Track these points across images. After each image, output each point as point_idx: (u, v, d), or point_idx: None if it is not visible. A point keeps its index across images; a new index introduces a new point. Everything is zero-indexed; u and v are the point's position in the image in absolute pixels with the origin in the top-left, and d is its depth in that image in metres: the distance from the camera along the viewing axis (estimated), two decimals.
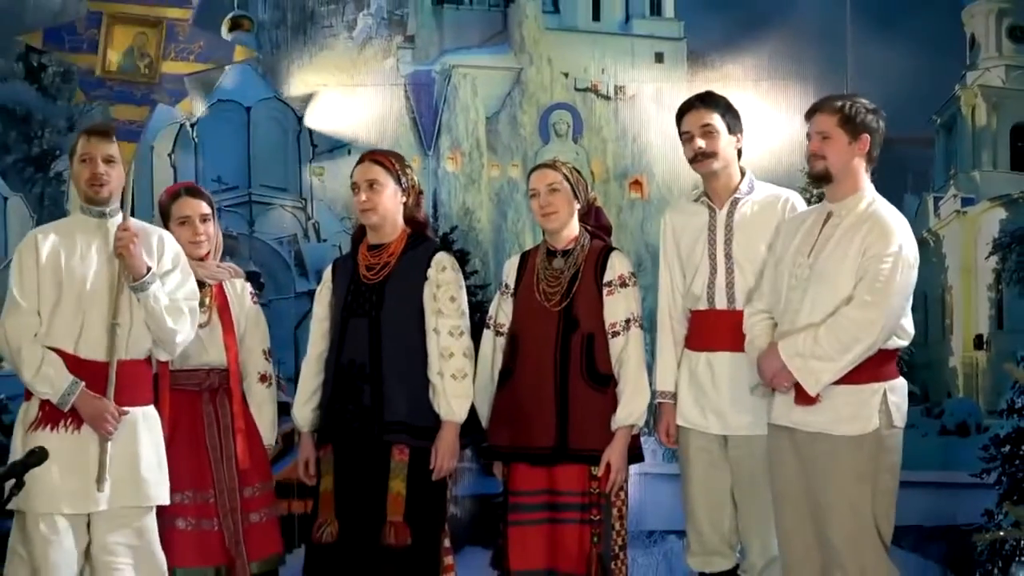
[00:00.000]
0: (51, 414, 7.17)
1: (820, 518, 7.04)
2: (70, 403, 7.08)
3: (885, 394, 7.04)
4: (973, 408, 20.17)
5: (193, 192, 7.90)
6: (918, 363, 20.49)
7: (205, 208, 7.80)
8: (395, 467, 7.44)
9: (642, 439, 7.77)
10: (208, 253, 7.79)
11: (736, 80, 19.09)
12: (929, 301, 20.24)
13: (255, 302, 7.98)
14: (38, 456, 6.50)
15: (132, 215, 7.47)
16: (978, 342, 20.63)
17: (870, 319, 6.90)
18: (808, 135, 7.25)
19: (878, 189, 7.17)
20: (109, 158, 7.34)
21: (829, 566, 7.09)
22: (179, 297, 7.31)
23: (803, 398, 6.99)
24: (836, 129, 7.11)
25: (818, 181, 7.21)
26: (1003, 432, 18.89)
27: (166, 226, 7.80)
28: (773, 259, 7.29)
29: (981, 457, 18.89)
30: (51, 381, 7.08)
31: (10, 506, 6.99)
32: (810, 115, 7.27)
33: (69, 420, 7.17)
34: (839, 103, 7.18)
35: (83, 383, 7.10)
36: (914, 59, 20.00)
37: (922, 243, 20.01)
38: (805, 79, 18.69)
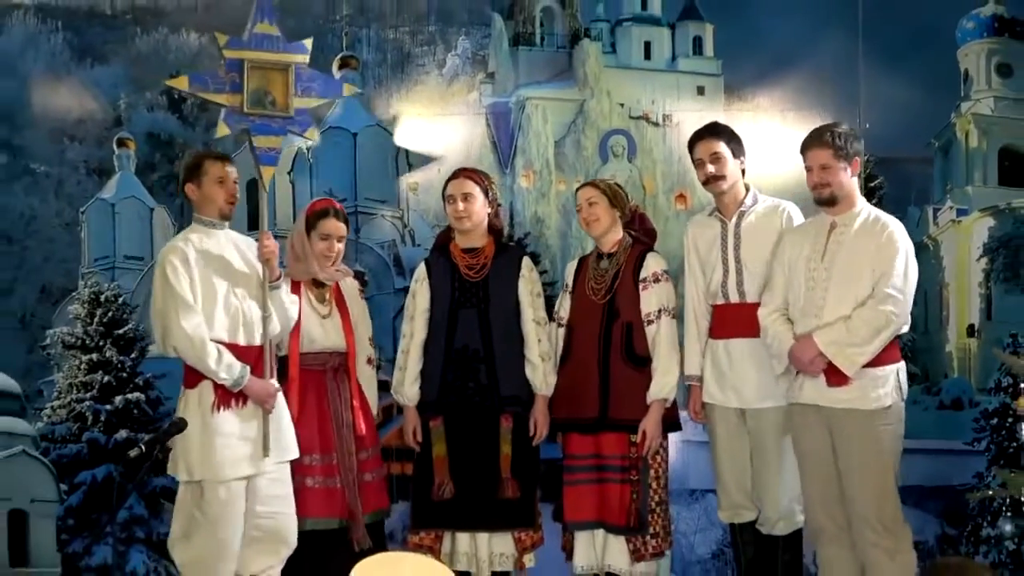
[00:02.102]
0: (224, 397, 7.21)
1: (849, 480, 7.01)
2: (242, 386, 7.13)
3: (897, 373, 7.06)
4: (966, 386, 20.10)
5: (340, 215, 7.91)
6: (920, 349, 20.45)
7: (344, 231, 7.82)
8: (503, 433, 7.46)
9: (683, 414, 7.77)
10: (333, 263, 7.81)
11: (765, 110, 19.05)
12: (929, 297, 20.18)
13: (362, 296, 8.00)
14: (178, 425, 6.54)
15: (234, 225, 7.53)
16: (970, 331, 20.56)
17: (895, 308, 6.89)
18: (807, 167, 7.23)
19: (887, 202, 7.18)
20: (236, 179, 7.38)
21: (855, 521, 7.05)
22: (287, 290, 7.37)
23: (836, 380, 6.96)
24: (832, 160, 7.08)
25: (825, 205, 7.19)
26: (991, 407, 18.85)
27: (308, 233, 7.81)
28: (782, 266, 7.27)
29: (973, 428, 18.84)
30: (230, 369, 7.12)
31: (196, 477, 7.09)
32: (805, 149, 7.24)
33: (238, 399, 7.23)
34: (829, 137, 7.14)
35: (249, 367, 7.16)
36: (917, 92, 19.92)
37: (922, 247, 19.94)
38: (824, 108, 18.65)
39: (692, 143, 7.43)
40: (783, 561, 7.46)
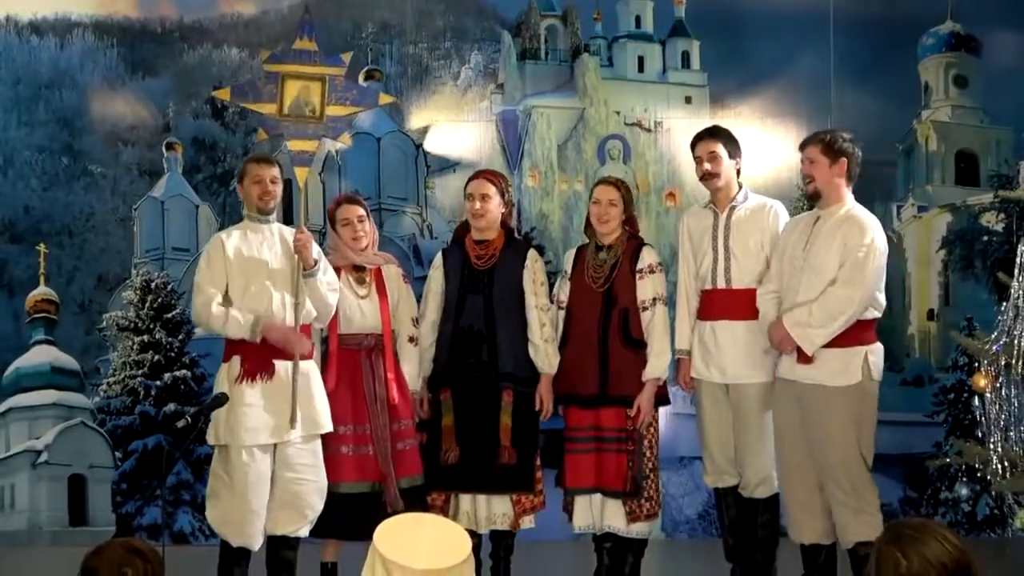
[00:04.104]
0: (250, 370, 7.27)
1: (818, 448, 7.05)
2: (259, 333, 7.17)
3: (866, 355, 7.07)
4: (926, 365, 20.10)
5: (351, 200, 7.97)
6: (884, 330, 20.40)
7: (360, 211, 7.83)
8: (504, 406, 7.54)
9: (673, 389, 7.83)
10: (367, 246, 7.83)
11: (746, 117, 19.03)
12: (893, 285, 20.13)
13: (406, 282, 8.02)
14: (219, 400, 6.58)
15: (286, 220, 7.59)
16: (930, 315, 20.55)
17: (851, 295, 6.94)
18: (801, 161, 7.29)
19: (856, 199, 7.20)
20: (274, 179, 7.43)
21: (826, 484, 7.10)
22: (330, 279, 7.39)
23: (803, 358, 7.03)
24: (820, 156, 7.13)
25: (811, 198, 7.24)
26: (949, 383, 18.91)
27: (333, 227, 7.87)
28: (778, 253, 7.33)
29: (932, 402, 18.89)
30: (239, 324, 7.17)
31: (223, 441, 7.15)
32: (802, 147, 7.31)
33: (263, 374, 7.26)
34: (822, 136, 7.22)
35: (263, 317, 7.19)
36: (882, 101, 19.89)
37: (887, 240, 19.95)
38: (799, 116, 18.63)
39: (694, 142, 7.55)
40: (762, 521, 7.53)
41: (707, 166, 7.57)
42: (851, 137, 7.26)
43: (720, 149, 7.56)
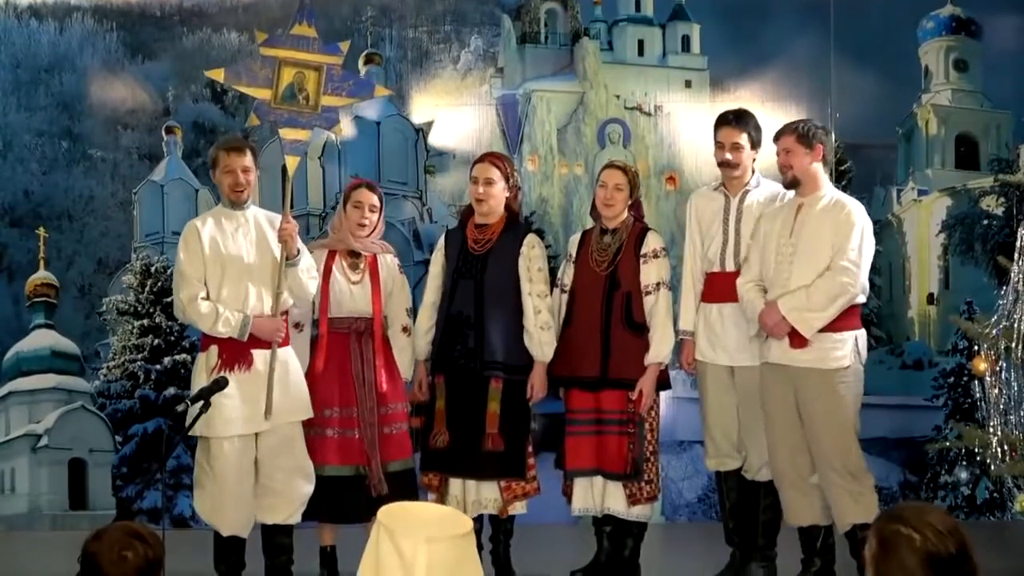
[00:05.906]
0: (228, 360, 7.25)
1: (815, 432, 7.08)
2: (248, 332, 7.16)
3: (856, 339, 7.12)
4: (926, 349, 20.11)
5: (371, 187, 7.96)
6: (884, 315, 20.44)
7: (375, 200, 7.84)
8: (492, 393, 7.55)
9: (673, 373, 7.85)
10: (368, 234, 7.83)
11: (746, 101, 18.97)
12: (893, 268, 20.13)
13: (401, 272, 8.04)
14: (219, 384, 6.57)
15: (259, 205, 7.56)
16: (930, 299, 20.55)
17: (850, 279, 6.99)
18: (777, 152, 7.31)
19: (856, 184, 7.30)
20: (245, 168, 7.37)
21: (823, 468, 7.12)
22: (308, 266, 7.38)
23: (798, 342, 7.06)
24: (796, 145, 7.16)
25: (790, 186, 7.26)
26: (948, 367, 18.94)
27: (344, 206, 7.87)
28: (757, 242, 7.34)
29: (932, 385, 18.92)
30: (230, 323, 7.15)
31: (199, 432, 7.13)
32: (776, 138, 7.34)
33: (240, 364, 7.24)
34: (795, 126, 7.26)
35: (252, 315, 7.18)
36: (882, 85, 19.87)
37: (887, 224, 19.91)
38: (799, 100, 18.61)
39: (718, 124, 7.55)
40: (764, 504, 7.55)
41: (728, 156, 7.58)
42: (822, 125, 7.36)
43: (744, 139, 7.59)
